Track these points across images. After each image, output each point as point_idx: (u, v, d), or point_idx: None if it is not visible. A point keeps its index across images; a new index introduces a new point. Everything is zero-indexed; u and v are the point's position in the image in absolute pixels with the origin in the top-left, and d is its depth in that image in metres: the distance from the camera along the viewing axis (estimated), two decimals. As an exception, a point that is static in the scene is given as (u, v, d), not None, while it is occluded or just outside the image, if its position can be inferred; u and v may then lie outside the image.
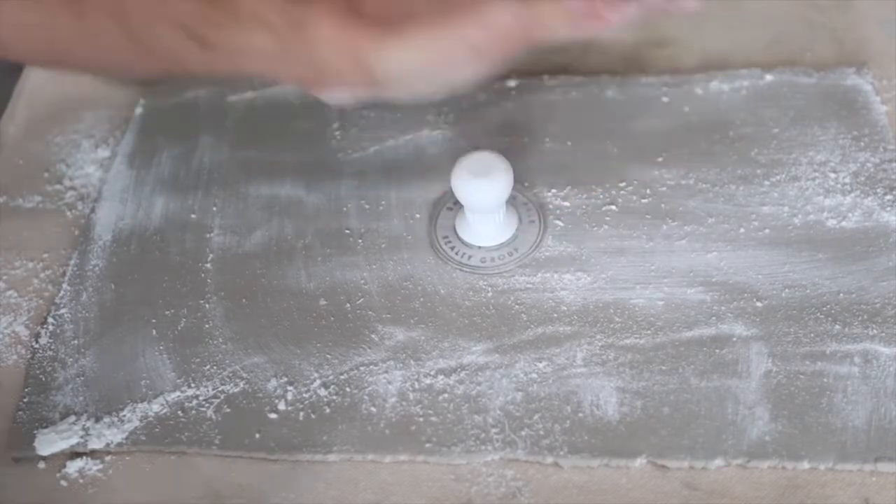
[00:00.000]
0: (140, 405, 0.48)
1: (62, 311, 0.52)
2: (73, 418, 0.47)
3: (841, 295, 0.50)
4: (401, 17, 0.44)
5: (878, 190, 0.54)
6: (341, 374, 0.48)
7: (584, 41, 0.66)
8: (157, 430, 0.47)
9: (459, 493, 0.44)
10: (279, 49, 0.45)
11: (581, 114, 0.60)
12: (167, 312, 0.51)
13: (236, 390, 0.48)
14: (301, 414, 0.47)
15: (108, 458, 0.46)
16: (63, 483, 0.46)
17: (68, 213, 0.58)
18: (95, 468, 0.46)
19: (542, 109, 0.61)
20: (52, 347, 0.51)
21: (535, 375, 0.47)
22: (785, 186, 0.55)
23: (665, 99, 0.61)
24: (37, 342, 0.51)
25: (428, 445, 0.45)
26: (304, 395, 0.47)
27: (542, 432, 0.45)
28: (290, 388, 0.48)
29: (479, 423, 0.46)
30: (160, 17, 0.45)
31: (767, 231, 0.53)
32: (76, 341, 0.51)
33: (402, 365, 0.48)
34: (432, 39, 0.43)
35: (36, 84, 0.66)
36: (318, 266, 0.53)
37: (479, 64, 0.44)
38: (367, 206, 0.56)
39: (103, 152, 0.61)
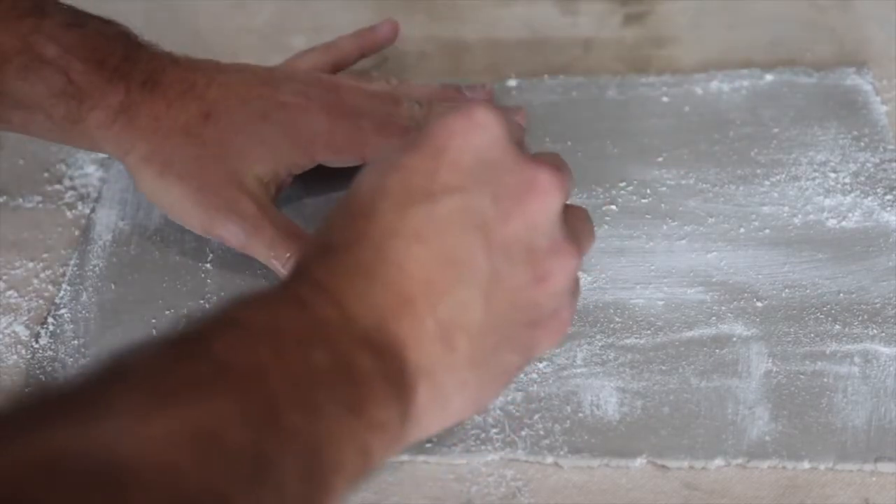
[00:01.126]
0: (140, 405, 0.48)
1: (62, 311, 0.52)
2: (73, 418, 0.47)
3: (841, 295, 0.50)
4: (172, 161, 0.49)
5: (878, 190, 0.54)
6: (341, 374, 0.48)
7: (585, 41, 0.67)
8: (157, 430, 0.47)
9: (459, 493, 0.44)
10: (62, 130, 0.49)
11: (581, 114, 0.60)
12: (167, 312, 0.51)
13: (236, 390, 0.48)
14: (301, 414, 0.47)
15: (108, 458, 0.46)
16: (63, 483, 0.46)
17: (68, 213, 0.57)
18: (95, 468, 0.46)
19: (542, 109, 0.61)
20: (52, 347, 0.50)
21: (535, 375, 0.47)
22: (785, 186, 0.55)
23: (665, 99, 0.61)
24: (37, 342, 0.51)
25: (428, 445, 0.45)
26: (304, 395, 0.47)
27: (542, 432, 0.45)
28: (290, 388, 0.48)
29: (478, 422, 0.46)
30: None
31: (767, 231, 0.53)
32: (76, 341, 0.51)
33: (402, 365, 0.48)
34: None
35: (36, 84, 0.66)
36: (318, 266, 0.53)
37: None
38: (367, 206, 0.56)
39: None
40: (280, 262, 0.49)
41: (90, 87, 0.48)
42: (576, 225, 0.38)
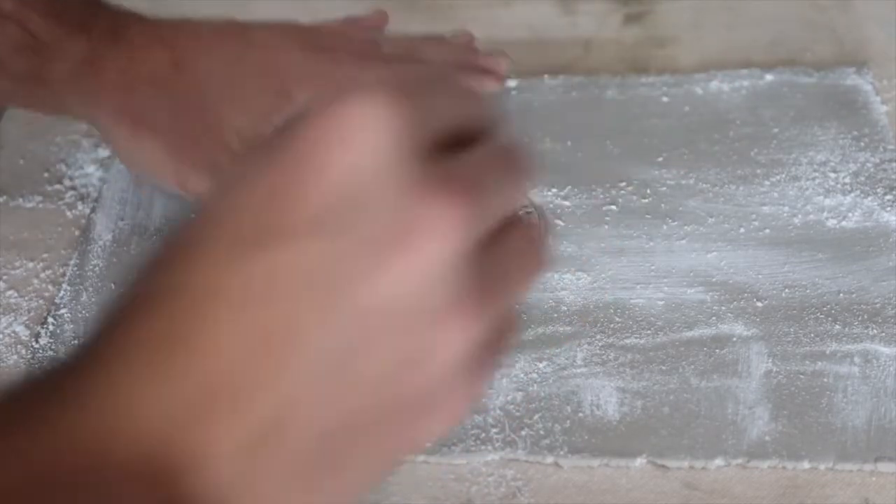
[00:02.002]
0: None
1: (62, 311, 0.52)
2: (73, 418, 0.47)
3: (841, 295, 0.50)
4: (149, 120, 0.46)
5: (878, 190, 0.54)
6: (341, 374, 0.48)
7: (585, 41, 0.67)
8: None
9: (459, 493, 0.44)
10: (26, 89, 0.47)
11: (581, 114, 0.60)
12: (167, 312, 0.51)
13: (236, 390, 0.48)
14: (301, 414, 0.47)
15: (108, 458, 0.46)
16: (63, 483, 0.46)
17: (68, 213, 0.57)
18: (95, 468, 0.46)
19: (542, 109, 0.61)
20: (53, 347, 0.50)
21: (535, 375, 0.47)
22: (785, 186, 0.55)
23: (665, 99, 0.61)
24: (37, 342, 0.51)
25: (428, 445, 0.45)
26: (304, 395, 0.47)
27: (542, 432, 0.45)
28: (290, 388, 0.48)
29: (478, 422, 0.46)
30: None
31: (767, 231, 0.53)
32: (76, 341, 0.51)
33: (402, 365, 0.48)
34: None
35: (36, 84, 0.66)
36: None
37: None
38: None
39: (103, 152, 0.61)
40: None
41: (50, 38, 0.46)
42: (505, 259, 0.26)
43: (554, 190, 0.56)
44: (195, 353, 0.22)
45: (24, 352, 0.51)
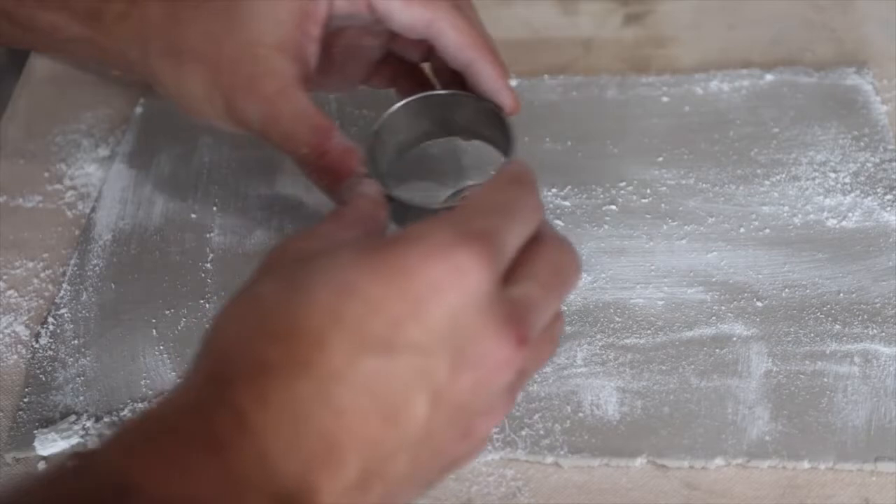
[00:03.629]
0: (140, 405, 0.48)
1: (62, 310, 0.52)
2: (73, 418, 0.47)
3: (841, 295, 0.50)
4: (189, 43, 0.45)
5: (878, 190, 0.54)
6: (341, 373, 0.48)
7: (585, 41, 0.67)
8: (157, 429, 0.47)
9: (459, 493, 0.44)
10: (88, 35, 0.47)
11: (581, 114, 0.60)
12: (167, 312, 0.51)
13: (236, 390, 0.48)
14: (301, 414, 0.47)
15: (108, 457, 0.46)
16: (63, 483, 0.46)
17: (68, 213, 0.58)
18: (95, 468, 0.46)
19: (542, 109, 0.61)
20: (53, 347, 0.50)
21: (535, 375, 0.47)
22: (785, 186, 0.55)
23: (665, 99, 0.61)
24: (37, 342, 0.51)
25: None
26: (304, 394, 0.47)
27: (542, 432, 0.45)
28: (290, 387, 0.48)
29: (479, 422, 0.46)
30: None
31: (767, 231, 0.53)
32: (76, 341, 0.51)
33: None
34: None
35: (36, 84, 0.66)
36: (318, 266, 0.53)
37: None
38: (367, 206, 0.56)
39: (103, 152, 0.61)
40: (296, 158, 0.45)
41: None
42: (540, 354, 0.36)
43: (554, 190, 0.56)
44: (322, 419, 0.30)
45: (24, 351, 0.51)
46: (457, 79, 0.48)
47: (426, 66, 0.52)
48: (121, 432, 0.30)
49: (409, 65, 0.52)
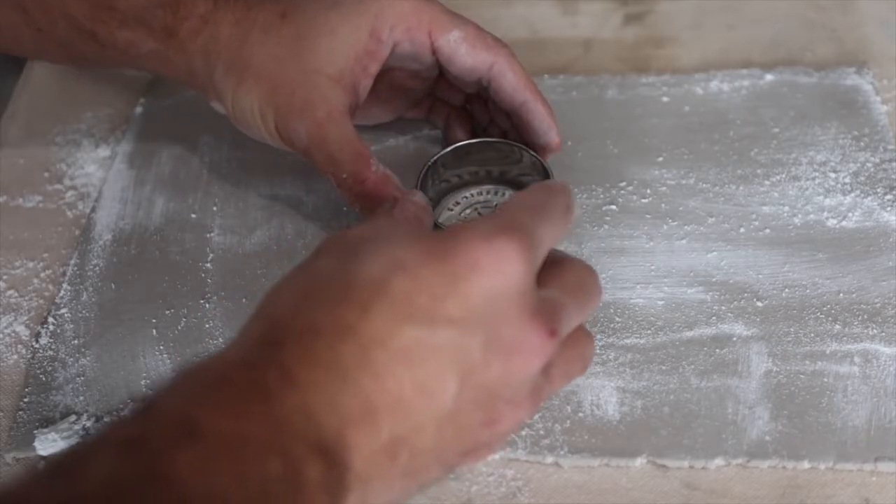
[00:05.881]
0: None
1: (62, 310, 0.52)
2: (73, 418, 0.47)
3: (841, 295, 0.50)
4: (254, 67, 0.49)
5: (878, 190, 0.54)
6: (341, 373, 0.48)
7: (585, 41, 0.67)
8: (157, 429, 0.47)
9: (459, 493, 0.44)
10: (159, 50, 0.50)
11: (581, 114, 0.60)
12: (167, 312, 0.51)
13: (236, 390, 0.48)
14: (301, 414, 0.47)
15: (108, 457, 0.46)
16: (63, 483, 0.46)
17: (68, 213, 0.58)
18: (95, 468, 0.46)
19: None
20: (53, 347, 0.50)
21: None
22: (785, 186, 0.55)
23: (665, 99, 0.61)
24: (37, 342, 0.51)
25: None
26: (305, 394, 0.47)
27: (542, 432, 0.45)
28: (290, 387, 0.48)
29: (479, 422, 0.46)
30: (55, 10, 0.50)
31: (767, 231, 0.53)
32: (76, 341, 0.51)
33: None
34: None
35: (36, 84, 0.66)
36: (318, 266, 0.53)
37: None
38: (367, 206, 0.56)
39: (103, 152, 0.61)
40: (336, 180, 0.48)
41: None
42: (568, 366, 0.39)
43: (554, 190, 0.56)
44: (361, 381, 0.33)
45: (24, 351, 0.51)
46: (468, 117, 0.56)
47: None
48: (179, 381, 0.32)
49: (450, 105, 0.57)
